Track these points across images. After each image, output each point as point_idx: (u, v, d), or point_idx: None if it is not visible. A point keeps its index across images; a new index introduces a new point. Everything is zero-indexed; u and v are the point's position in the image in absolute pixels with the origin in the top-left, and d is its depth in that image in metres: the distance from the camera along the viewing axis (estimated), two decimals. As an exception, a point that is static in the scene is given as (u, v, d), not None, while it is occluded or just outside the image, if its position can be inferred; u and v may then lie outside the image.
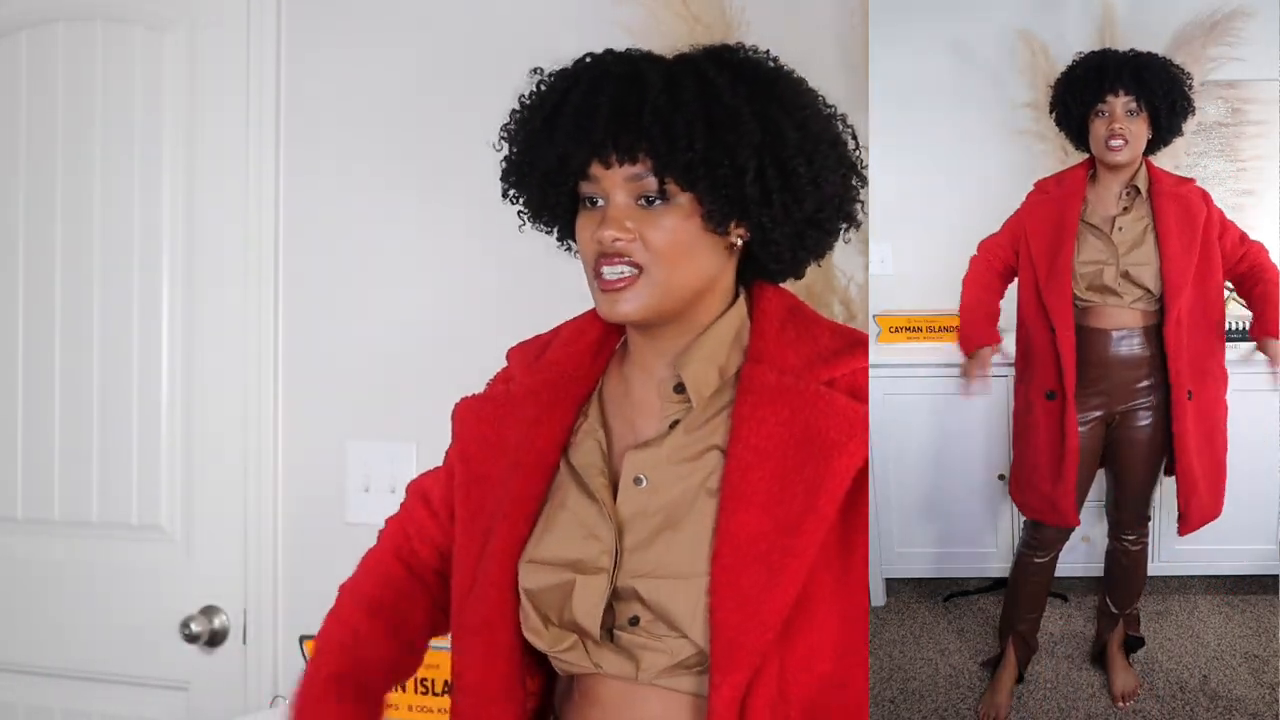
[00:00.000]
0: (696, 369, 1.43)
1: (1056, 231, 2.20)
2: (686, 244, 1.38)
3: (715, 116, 1.35)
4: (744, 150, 1.36)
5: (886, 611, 2.73)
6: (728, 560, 1.33)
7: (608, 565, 1.38)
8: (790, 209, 1.39)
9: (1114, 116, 2.16)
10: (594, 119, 1.36)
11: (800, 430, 1.37)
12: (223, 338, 2.52)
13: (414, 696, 2.17)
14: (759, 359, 1.41)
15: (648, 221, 1.38)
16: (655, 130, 1.35)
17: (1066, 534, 2.30)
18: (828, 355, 1.42)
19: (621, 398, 1.48)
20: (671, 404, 1.43)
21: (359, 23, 2.45)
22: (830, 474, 1.35)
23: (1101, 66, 2.18)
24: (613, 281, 1.38)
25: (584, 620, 1.38)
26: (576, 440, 1.46)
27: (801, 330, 1.44)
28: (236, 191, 2.51)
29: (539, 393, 1.48)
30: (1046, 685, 2.43)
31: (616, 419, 1.47)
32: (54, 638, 2.65)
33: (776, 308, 1.45)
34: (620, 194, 1.38)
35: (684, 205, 1.38)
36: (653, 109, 1.35)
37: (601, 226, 1.38)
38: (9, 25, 2.70)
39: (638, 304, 1.39)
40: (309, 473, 2.48)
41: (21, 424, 2.69)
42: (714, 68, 1.39)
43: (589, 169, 1.39)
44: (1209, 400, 2.20)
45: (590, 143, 1.37)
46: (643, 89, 1.36)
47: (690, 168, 1.35)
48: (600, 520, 1.40)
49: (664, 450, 1.41)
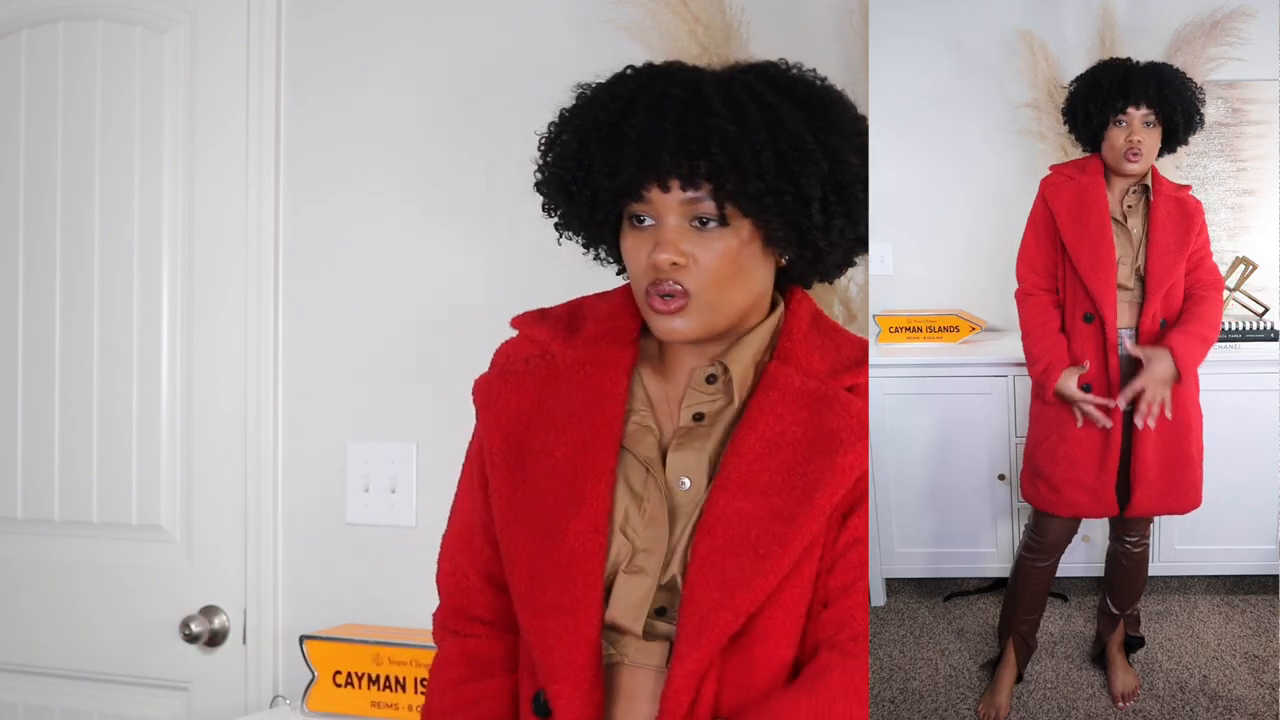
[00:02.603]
0: (744, 365, 1.46)
1: (1093, 219, 2.19)
2: (740, 266, 1.40)
3: (781, 146, 1.36)
4: (810, 180, 1.37)
5: (886, 611, 2.72)
6: (719, 540, 1.36)
7: (650, 567, 1.41)
8: (846, 232, 1.43)
9: (1133, 128, 2.16)
10: (661, 146, 1.36)
11: (815, 431, 1.40)
12: (223, 338, 2.52)
13: (414, 697, 2.17)
14: (786, 359, 1.45)
15: (701, 244, 1.39)
16: (723, 159, 1.35)
17: (1070, 535, 2.30)
18: (850, 364, 1.46)
19: (658, 389, 1.49)
20: (698, 393, 1.46)
21: (359, 23, 2.45)
22: (833, 470, 1.38)
23: (1126, 79, 2.19)
24: (666, 303, 1.39)
25: (623, 619, 1.41)
26: (630, 429, 1.47)
27: (825, 337, 1.48)
28: (236, 191, 2.51)
29: (587, 366, 1.48)
30: (1046, 685, 2.43)
31: (657, 409, 1.49)
32: (54, 638, 2.65)
33: (804, 313, 1.49)
34: (673, 216, 1.39)
35: (740, 229, 1.39)
36: (720, 137, 1.35)
37: (657, 250, 1.38)
38: (9, 25, 2.69)
39: (690, 326, 1.41)
40: (309, 473, 2.48)
41: (21, 424, 2.69)
42: (773, 92, 1.40)
43: (645, 192, 1.39)
44: (1181, 398, 2.19)
45: (657, 171, 1.37)
46: (706, 114, 1.36)
47: (757, 197, 1.36)
48: (666, 517, 1.43)
49: (704, 449, 1.43)
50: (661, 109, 1.37)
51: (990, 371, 2.60)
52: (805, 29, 2.12)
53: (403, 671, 2.18)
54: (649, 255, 1.39)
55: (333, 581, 2.45)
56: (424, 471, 2.39)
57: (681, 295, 1.39)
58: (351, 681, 2.23)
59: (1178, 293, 2.21)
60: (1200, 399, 2.23)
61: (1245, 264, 2.60)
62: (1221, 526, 2.59)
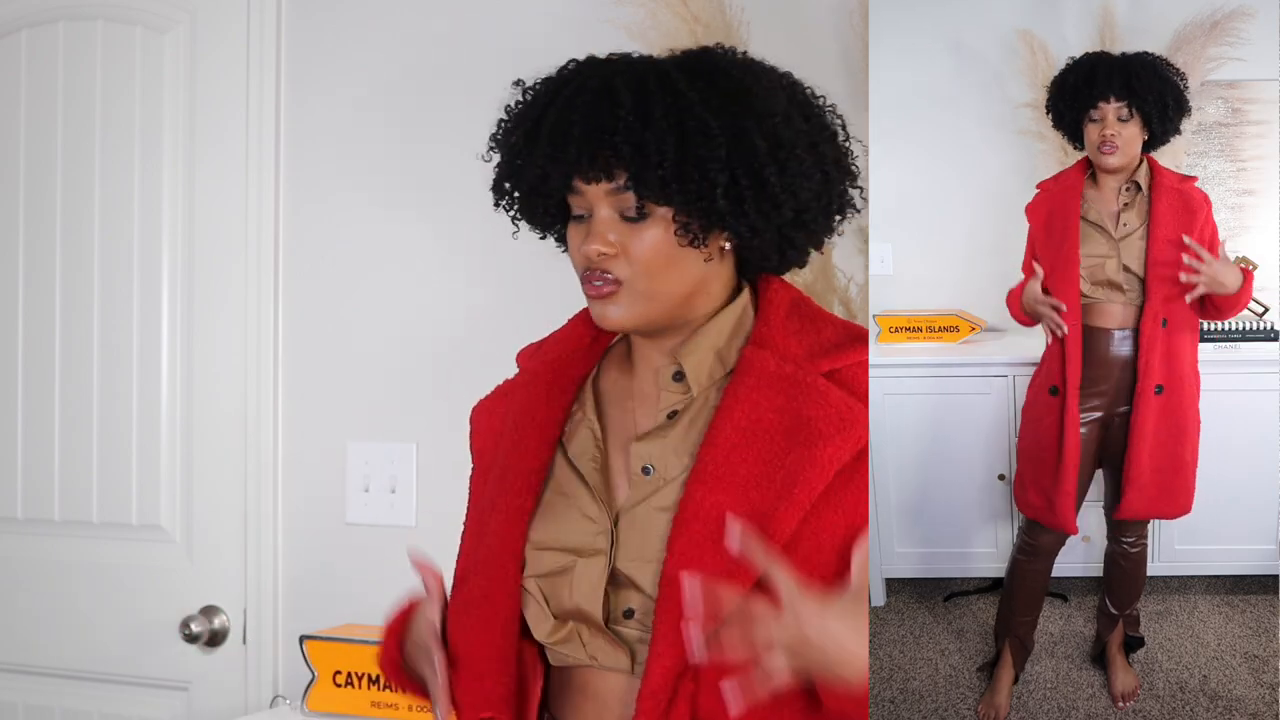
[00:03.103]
0: (698, 358, 1.44)
1: (1058, 225, 2.20)
2: (669, 255, 1.40)
3: (687, 131, 1.36)
4: (713, 164, 1.36)
5: (886, 611, 2.72)
6: (697, 536, 1.35)
7: (604, 547, 1.40)
8: (769, 215, 1.40)
9: (1106, 123, 2.16)
10: (568, 138, 1.38)
11: (790, 419, 1.38)
12: (223, 338, 2.52)
13: (413, 697, 2.17)
14: (762, 344, 1.43)
15: (631, 235, 1.40)
16: (626, 149, 1.36)
17: (1061, 541, 2.29)
18: (829, 347, 1.43)
19: (622, 392, 1.49)
20: (670, 393, 1.45)
21: (359, 23, 2.45)
22: (812, 464, 1.36)
23: (1092, 73, 2.18)
24: (598, 289, 1.41)
25: (585, 603, 1.38)
26: (570, 429, 1.48)
27: (805, 322, 1.46)
28: (237, 191, 2.51)
29: (539, 375, 1.51)
30: (1046, 685, 2.43)
31: (614, 410, 1.48)
32: (54, 638, 2.65)
33: (782, 299, 1.47)
34: (603, 208, 1.40)
35: (665, 218, 1.39)
36: (624, 126, 1.36)
37: (586, 241, 1.40)
38: (9, 24, 2.70)
39: (624, 313, 1.41)
40: (309, 473, 2.48)
41: (21, 424, 2.69)
42: (686, 78, 1.40)
43: (572, 183, 1.41)
44: (1180, 401, 2.19)
45: (566, 162, 1.39)
46: (614, 105, 1.37)
47: (663, 184, 1.37)
48: (594, 505, 1.42)
49: (670, 440, 1.42)
50: (573, 102, 1.39)
51: (990, 371, 2.60)
52: (805, 29, 2.12)
53: (403, 671, 2.18)
54: (580, 246, 1.41)
55: (333, 581, 2.45)
56: (424, 471, 2.39)
57: (612, 282, 1.40)
58: (351, 681, 2.23)
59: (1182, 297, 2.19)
60: (1200, 405, 2.22)
61: (1245, 264, 2.60)
62: (1221, 526, 2.59)
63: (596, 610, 1.38)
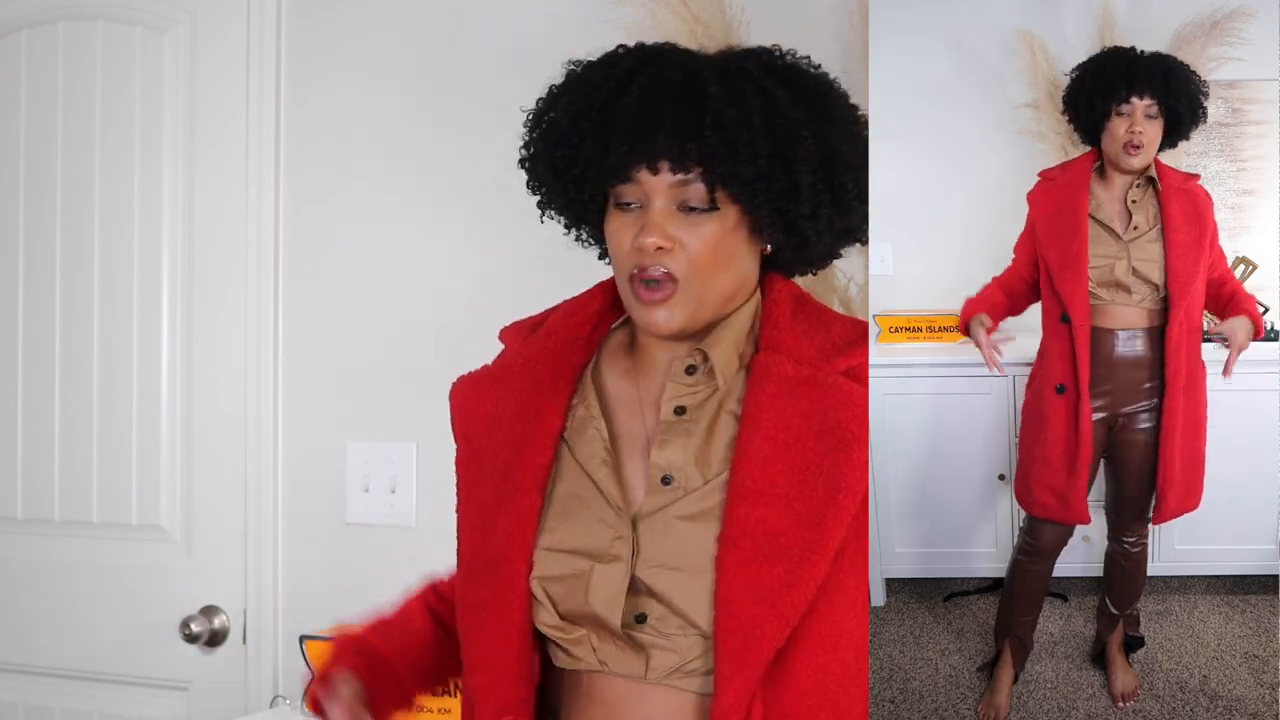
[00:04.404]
0: (724, 350, 1.42)
1: (1066, 222, 2.18)
2: (727, 253, 1.38)
3: (777, 132, 1.35)
4: (802, 167, 1.35)
5: (886, 611, 2.73)
6: (747, 554, 1.32)
7: (623, 553, 1.37)
8: (834, 222, 1.40)
9: (1135, 119, 2.13)
10: (657, 127, 1.34)
11: (818, 422, 1.36)
12: (223, 338, 2.52)
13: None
14: (774, 348, 1.40)
15: (687, 229, 1.37)
16: (717, 143, 1.33)
17: (1065, 539, 2.29)
18: (843, 345, 1.42)
19: (628, 388, 1.46)
20: (680, 386, 1.42)
21: (359, 23, 2.45)
22: (850, 467, 1.34)
23: (1131, 68, 2.16)
24: (651, 293, 1.37)
25: (602, 609, 1.36)
26: (574, 424, 1.45)
27: (812, 320, 1.44)
28: (236, 191, 2.51)
29: (538, 362, 1.46)
30: (1046, 685, 2.43)
31: (621, 410, 1.45)
32: (54, 638, 2.65)
33: (785, 297, 1.45)
34: (661, 200, 1.37)
35: (728, 215, 1.37)
36: (716, 121, 1.33)
37: (643, 233, 1.36)
38: (9, 24, 2.70)
39: (676, 318, 1.38)
40: (309, 473, 2.48)
41: (21, 424, 2.69)
42: (770, 78, 1.38)
43: (631, 172, 1.37)
44: (1196, 399, 2.20)
45: (650, 152, 1.35)
46: (703, 97, 1.34)
47: (749, 182, 1.35)
48: (609, 510, 1.39)
49: (690, 451, 1.39)
50: (658, 90, 1.36)
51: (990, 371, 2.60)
52: (805, 29, 2.11)
53: (403, 671, 2.18)
54: (634, 239, 1.37)
55: (333, 582, 2.45)
56: (424, 471, 2.39)
57: (668, 282, 1.36)
58: (351, 681, 2.22)
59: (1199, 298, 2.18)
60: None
61: (1245, 264, 2.60)
62: (1221, 526, 2.60)
63: (615, 617, 1.36)
